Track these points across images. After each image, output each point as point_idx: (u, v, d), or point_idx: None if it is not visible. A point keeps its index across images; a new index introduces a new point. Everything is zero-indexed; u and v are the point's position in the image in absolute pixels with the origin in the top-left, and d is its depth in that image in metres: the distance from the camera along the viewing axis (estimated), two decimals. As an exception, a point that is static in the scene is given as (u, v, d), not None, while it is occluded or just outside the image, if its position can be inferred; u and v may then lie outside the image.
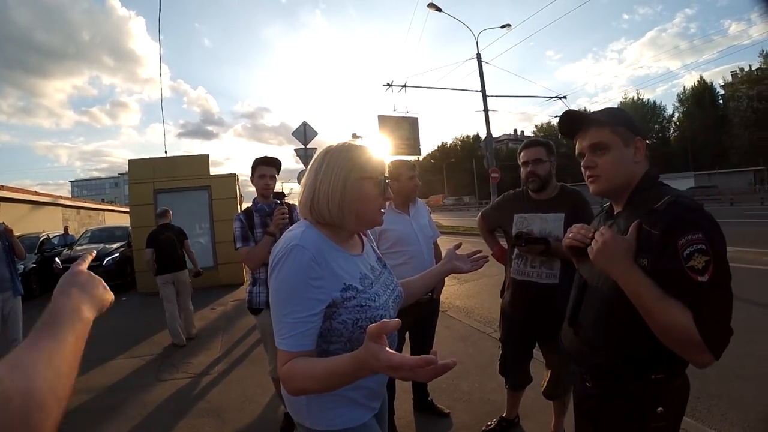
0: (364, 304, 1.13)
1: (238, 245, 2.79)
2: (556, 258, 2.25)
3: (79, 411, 3.59)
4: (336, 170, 1.16)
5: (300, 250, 1.09)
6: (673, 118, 56.52)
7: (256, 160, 2.95)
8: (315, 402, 1.16)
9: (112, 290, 0.81)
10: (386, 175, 1.23)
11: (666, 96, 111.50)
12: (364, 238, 1.35)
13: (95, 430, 3.26)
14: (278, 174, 3.02)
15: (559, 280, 2.25)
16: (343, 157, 1.18)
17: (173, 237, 5.48)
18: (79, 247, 10.85)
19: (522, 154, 2.41)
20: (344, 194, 1.15)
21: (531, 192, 2.42)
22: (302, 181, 1.27)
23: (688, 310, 1.04)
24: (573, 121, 1.36)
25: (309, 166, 1.25)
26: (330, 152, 1.21)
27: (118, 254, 9.99)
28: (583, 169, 1.32)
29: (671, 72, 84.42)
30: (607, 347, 1.26)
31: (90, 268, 0.80)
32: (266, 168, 2.94)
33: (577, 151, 1.34)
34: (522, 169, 2.41)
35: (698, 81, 52.33)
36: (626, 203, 1.28)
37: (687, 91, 53.21)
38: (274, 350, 3.20)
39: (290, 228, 1.21)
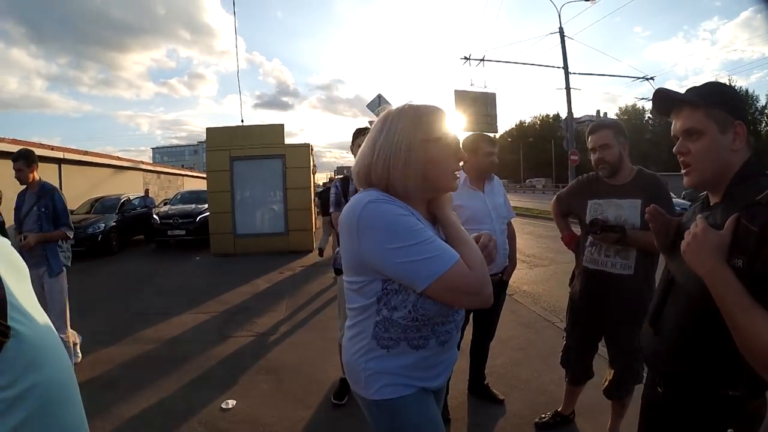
0: None
1: (331, 209, 2.97)
2: (632, 248, 2.11)
3: (143, 360, 3.93)
4: (398, 134, 1.09)
5: (376, 201, 1.06)
6: (766, 110, 50.33)
7: (357, 129, 3.01)
8: (373, 374, 1.14)
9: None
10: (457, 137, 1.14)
11: (760, 84, 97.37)
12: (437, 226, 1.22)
13: (158, 378, 3.50)
14: None
15: (634, 271, 2.12)
16: (406, 119, 1.10)
17: (327, 194, 7.79)
18: (173, 206, 11.90)
19: (589, 139, 2.25)
20: (409, 159, 1.07)
21: (605, 177, 2.27)
22: (360, 150, 1.19)
23: None
24: (665, 101, 1.23)
25: (368, 135, 1.17)
26: (390, 116, 1.12)
27: (208, 213, 10.49)
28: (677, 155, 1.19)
29: (767, 57, 74.49)
30: (686, 354, 1.15)
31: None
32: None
33: (672, 133, 1.21)
34: (591, 155, 2.26)
35: (795, 69, 45.96)
36: (724, 194, 1.13)
37: (782, 80, 46.97)
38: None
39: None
